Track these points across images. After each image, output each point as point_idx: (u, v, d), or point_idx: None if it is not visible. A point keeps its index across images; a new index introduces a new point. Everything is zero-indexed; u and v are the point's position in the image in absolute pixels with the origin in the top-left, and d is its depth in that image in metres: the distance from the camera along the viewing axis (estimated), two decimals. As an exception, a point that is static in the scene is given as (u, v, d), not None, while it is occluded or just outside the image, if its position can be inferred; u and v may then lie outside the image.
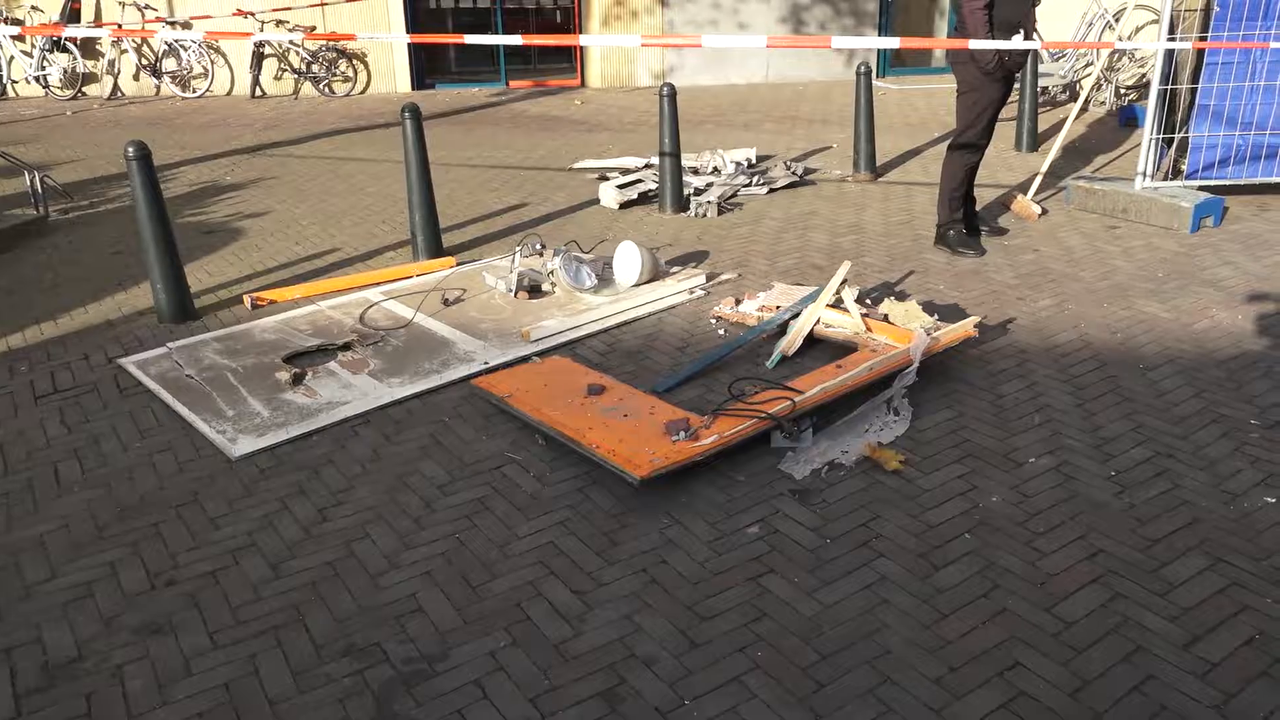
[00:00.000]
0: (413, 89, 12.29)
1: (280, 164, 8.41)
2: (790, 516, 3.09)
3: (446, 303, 4.94)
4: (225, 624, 2.67)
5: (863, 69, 7.26)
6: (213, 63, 11.90)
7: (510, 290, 5.01)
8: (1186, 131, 6.31)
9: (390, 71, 12.22)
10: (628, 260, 5.04)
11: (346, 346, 4.46)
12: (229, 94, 12.14)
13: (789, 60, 12.54)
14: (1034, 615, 2.61)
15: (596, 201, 6.92)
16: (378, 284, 5.30)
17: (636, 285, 5.01)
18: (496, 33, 12.53)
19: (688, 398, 3.90)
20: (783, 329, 4.39)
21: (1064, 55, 10.17)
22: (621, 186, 6.88)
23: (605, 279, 5.10)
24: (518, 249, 5.41)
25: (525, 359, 4.26)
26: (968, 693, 2.35)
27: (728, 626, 2.60)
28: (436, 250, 5.69)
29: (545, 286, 5.08)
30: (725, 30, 12.28)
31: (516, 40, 5.60)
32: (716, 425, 3.42)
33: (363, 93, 12.17)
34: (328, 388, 4.06)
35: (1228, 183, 6.30)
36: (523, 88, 12.47)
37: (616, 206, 6.73)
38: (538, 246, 5.54)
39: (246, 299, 5.04)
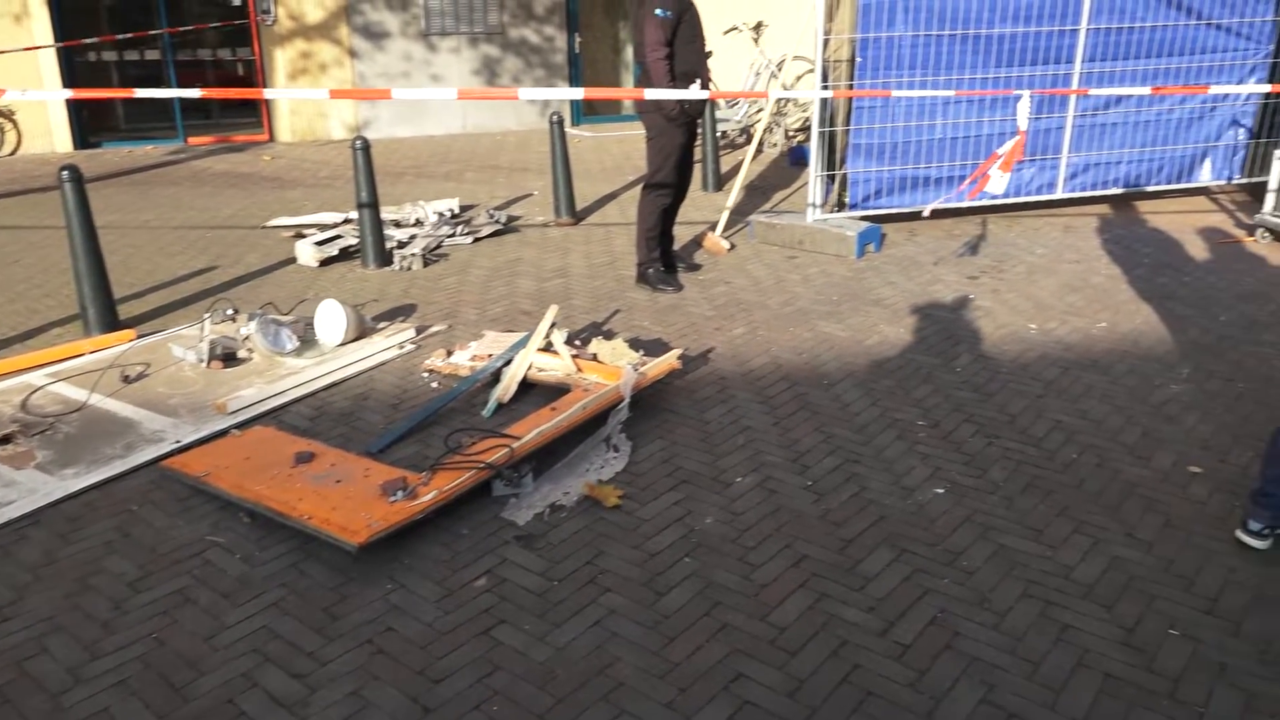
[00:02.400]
0: (75, 148, 11.20)
1: (-89, 238, 7.35)
2: (517, 564, 3.08)
3: (127, 380, 4.51)
4: None
5: (555, 118, 7.49)
6: None
7: (201, 360, 4.66)
8: (845, 168, 7.03)
9: (46, 130, 11.07)
10: (331, 319, 4.85)
11: (7, 439, 3.94)
12: None
13: (486, 111, 12.69)
14: (751, 626, 2.76)
15: (294, 260, 6.62)
16: (42, 365, 4.75)
17: (342, 344, 4.83)
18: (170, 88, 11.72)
19: (404, 455, 3.80)
20: (496, 377, 4.39)
21: (738, 102, 11.02)
22: (320, 243, 6.62)
23: (308, 340, 4.88)
24: (207, 315, 5.05)
25: (223, 433, 3.97)
26: (697, 711, 2.43)
27: (461, 685, 2.54)
28: (112, 323, 5.19)
29: (241, 353, 4.77)
30: (418, 82, 12.23)
31: (194, 94, 5.26)
32: (435, 480, 3.35)
33: (13, 154, 10.93)
34: (-15, 488, 3.57)
35: (884, 212, 7.08)
36: (205, 144, 11.73)
37: (316, 264, 6.47)
38: (230, 312, 5.20)
39: (-127, 396, 4.35)
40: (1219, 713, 2.42)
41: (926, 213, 6.57)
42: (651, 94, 5.31)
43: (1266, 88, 7.18)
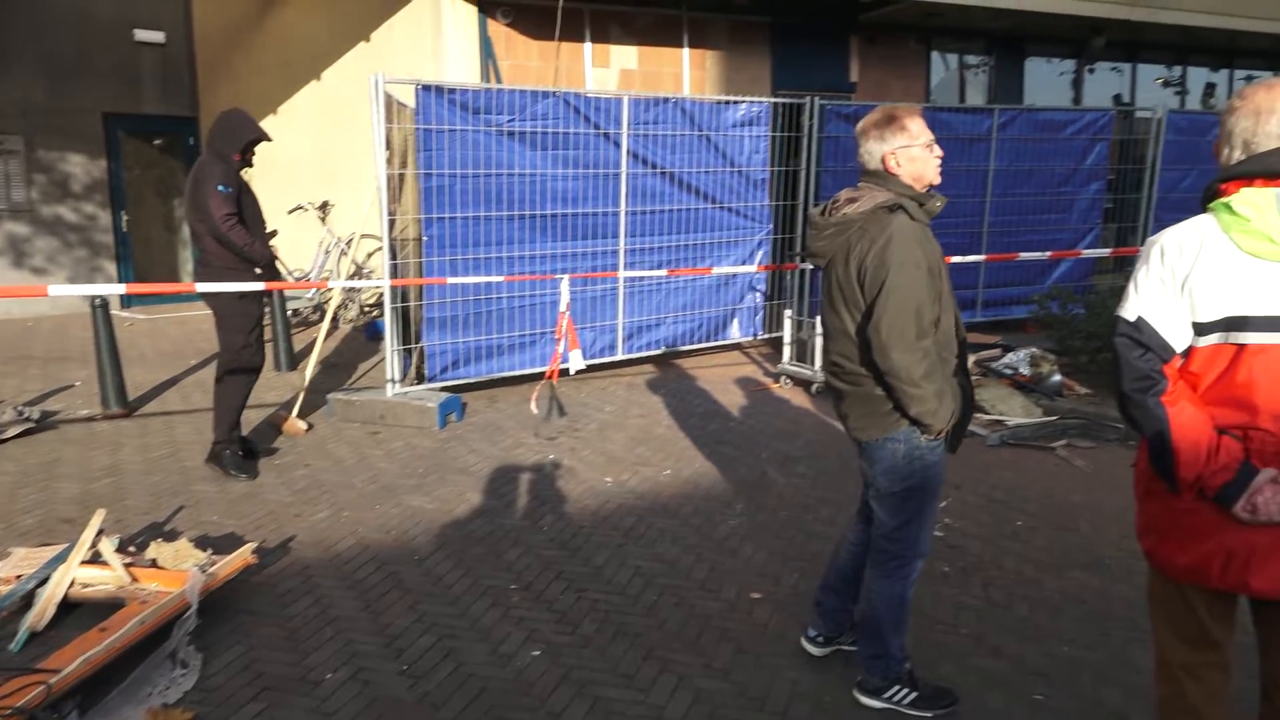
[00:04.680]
0: None
1: None
2: (59, 826, 2.58)
3: None
4: None
5: (98, 302, 6.84)
6: None
7: None
8: (422, 341, 7.14)
9: None
10: None
11: None
12: None
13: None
14: (351, 839, 2.54)
15: None
16: None
17: None
18: None
19: (-102, 717, 3.07)
20: (29, 601, 3.75)
21: (308, 278, 10.85)
22: None
23: None
24: None
25: None
26: None
27: None
28: None
29: None
30: (-79, 265, 10.60)
31: None
32: (-58, 742, 2.74)
33: None
34: None
35: (462, 381, 7.26)
36: None
37: None
38: None
39: None
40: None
41: (534, 408, 6.77)
42: (203, 287, 5.12)
43: (751, 268, 8.56)
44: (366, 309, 10.80)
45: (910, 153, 2.95)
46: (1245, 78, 15.09)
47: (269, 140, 5.61)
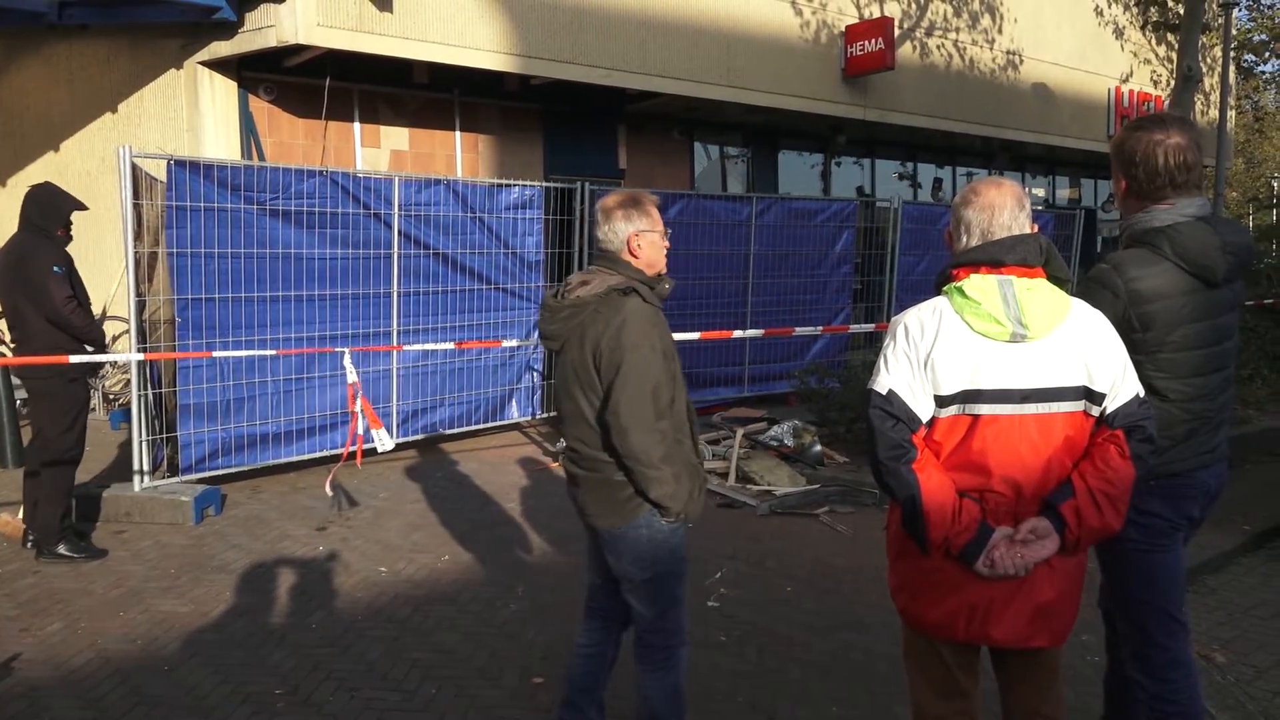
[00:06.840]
0: None
1: None
2: None
3: None
4: None
5: None
6: None
7: None
8: (177, 431, 6.63)
9: None
10: None
11: None
12: None
13: None
14: None
15: None
16: None
17: None
18: None
19: None
20: None
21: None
22: None
23: None
24: None
25: None
26: None
27: None
28: None
29: None
30: None
31: None
32: None
33: None
34: None
35: (221, 473, 6.77)
36: None
37: None
38: None
39: None
40: None
41: (328, 490, 6.32)
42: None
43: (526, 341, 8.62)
44: (113, 397, 9.94)
45: (650, 238, 3.00)
46: (966, 174, 16.99)
47: (86, 209, 5.56)
